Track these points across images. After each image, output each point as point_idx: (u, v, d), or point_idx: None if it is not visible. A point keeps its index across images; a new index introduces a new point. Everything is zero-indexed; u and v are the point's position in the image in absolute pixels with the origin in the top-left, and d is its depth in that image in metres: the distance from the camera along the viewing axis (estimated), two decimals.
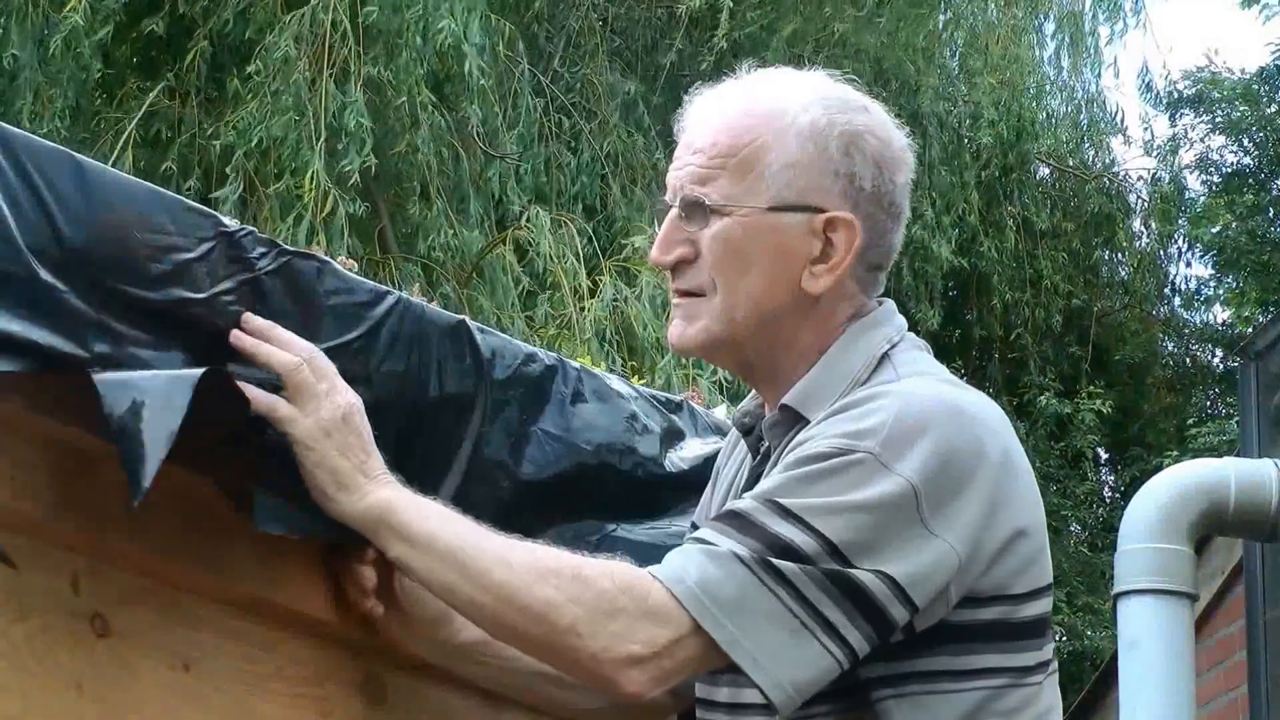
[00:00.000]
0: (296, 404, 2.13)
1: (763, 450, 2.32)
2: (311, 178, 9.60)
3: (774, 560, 2.10)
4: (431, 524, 2.15)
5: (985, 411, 2.22)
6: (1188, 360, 18.58)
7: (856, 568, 2.10)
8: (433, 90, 10.42)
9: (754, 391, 2.38)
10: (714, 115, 2.29)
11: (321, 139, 9.75)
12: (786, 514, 2.11)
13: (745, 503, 2.17)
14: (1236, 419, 11.65)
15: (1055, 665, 2.26)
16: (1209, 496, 4.79)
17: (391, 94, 10.29)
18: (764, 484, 2.18)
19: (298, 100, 9.84)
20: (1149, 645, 4.74)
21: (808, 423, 2.23)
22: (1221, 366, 18.06)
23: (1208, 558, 5.94)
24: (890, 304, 2.33)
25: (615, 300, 9.85)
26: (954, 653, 2.16)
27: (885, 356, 2.26)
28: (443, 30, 10.10)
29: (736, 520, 2.14)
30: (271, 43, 9.97)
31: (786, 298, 2.25)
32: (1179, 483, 4.84)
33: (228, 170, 9.94)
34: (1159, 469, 5.17)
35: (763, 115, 2.26)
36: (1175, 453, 13.75)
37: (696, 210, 2.25)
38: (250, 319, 2.14)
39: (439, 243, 10.22)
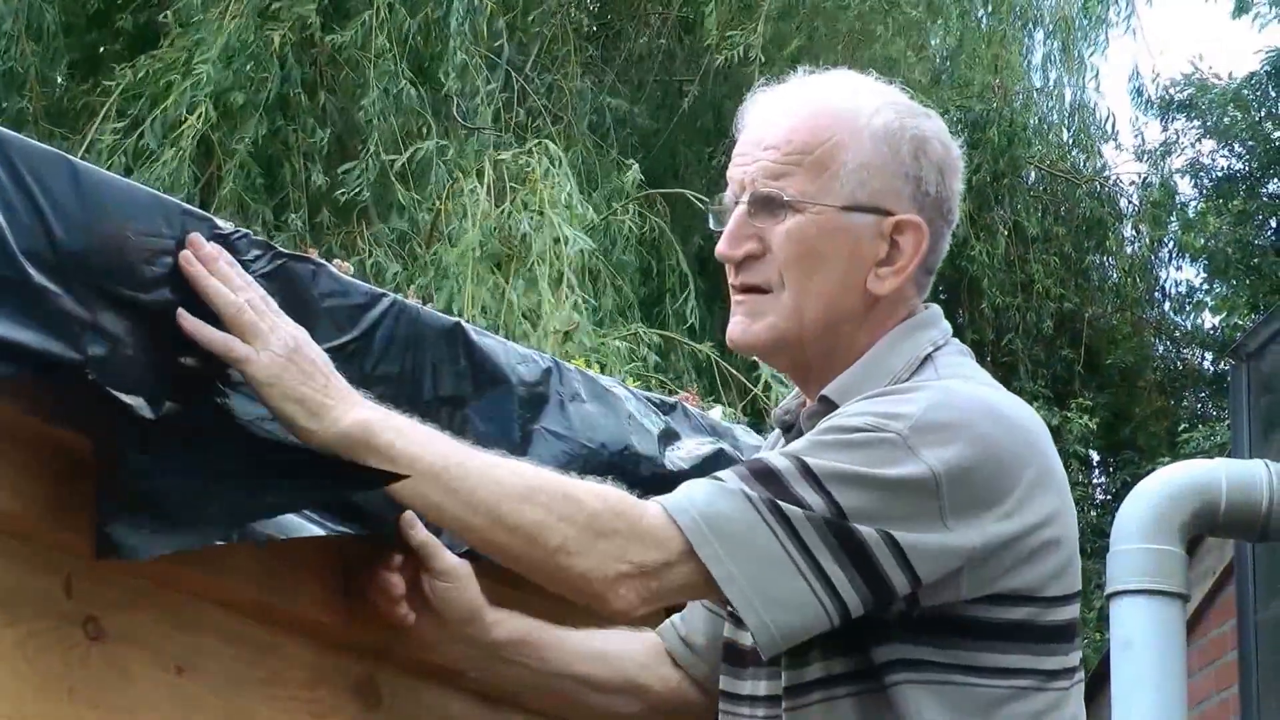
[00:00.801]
0: (247, 342, 2.09)
1: None
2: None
3: (782, 504, 2.11)
4: (413, 444, 2.12)
5: (1024, 417, 2.23)
6: (1179, 364, 18.58)
7: (861, 526, 2.11)
8: (410, 64, 10.35)
9: (796, 390, 2.38)
10: (784, 112, 2.28)
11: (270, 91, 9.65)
12: (806, 472, 2.12)
13: (769, 455, 2.19)
14: (1227, 422, 11.63)
15: (1082, 674, 2.27)
16: (1201, 497, 4.78)
17: (364, 63, 10.24)
18: (792, 445, 2.20)
19: (256, 65, 9.79)
20: (1141, 645, 4.74)
21: None
22: (1212, 370, 18.06)
23: (1199, 558, 5.94)
24: (936, 308, 2.34)
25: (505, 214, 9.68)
26: (980, 648, 2.17)
27: (928, 358, 2.27)
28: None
29: (756, 466, 2.16)
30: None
31: (854, 299, 2.26)
32: (1171, 483, 4.84)
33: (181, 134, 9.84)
34: (1151, 473, 5.17)
35: (837, 115, 2.27)
36: (1167, 457, 13.75)
37: (769, 205, 2.25)
38: (196, 241, 2.10)
39: (408, 203, 10.13)
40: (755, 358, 2.39)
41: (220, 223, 2.16)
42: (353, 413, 2.12)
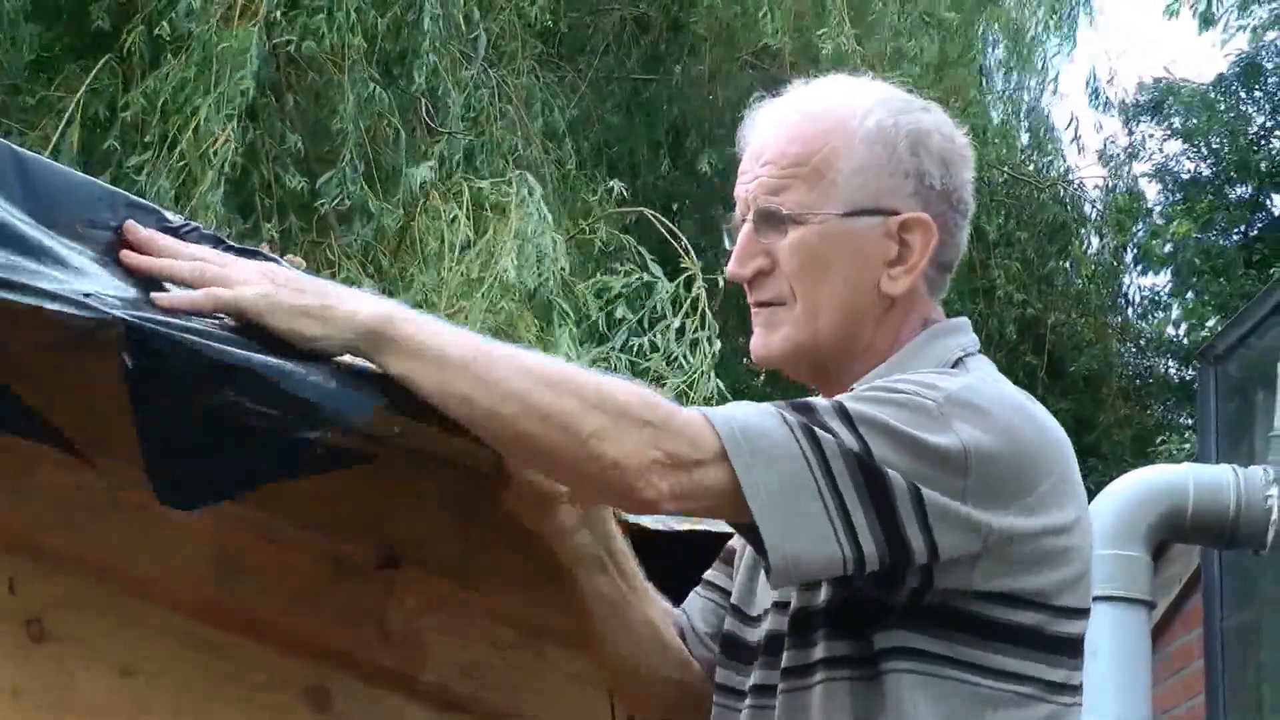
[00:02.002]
0: (225, 287, 2.04)
1: None
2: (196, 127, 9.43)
3: (816, 430, 2.08)
4: (436, 336, 2.07)
5: (1053, 425, 2.22)
6: (1144, 371, 18.65)
7: (891, 471, 2.09)
8: (379, 64, 10.32)
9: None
10: (778, 125, 2.29)
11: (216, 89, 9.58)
12: (843, 414, 2.10)
13: (811, 396, 2.18)
14: (1196, 429, 11.66)
15: (1082, 696, 2.25)
16: (1168, 502, 4.78)
17: (332, 68, 10.21)
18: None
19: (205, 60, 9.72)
20: (1106, 653, 4.73)
21: None
22: (1178, 378, 18.13)
23: (1165, 566, 5.93)
24: (964, 319, 2.36)
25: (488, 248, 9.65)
26: (985, 647, 2.15)
27: (960, 361, 2.27)
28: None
29: (795, 401, 2.14)
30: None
31: (867, 301, 2.27)
32: (1138, 488, 4.84)
33: (145, 138, 9.77)
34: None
35: (829, 121, 2.27)
36: (1132, 463, 13.79)
37: (771, 220, 2.26)
38: (131, 228, 2.06)
39: (376, 211, 10.08)
40: (778, 370, 2.38)
41: (168, 214, 2.14)
42: (367, 306, 2.06)
